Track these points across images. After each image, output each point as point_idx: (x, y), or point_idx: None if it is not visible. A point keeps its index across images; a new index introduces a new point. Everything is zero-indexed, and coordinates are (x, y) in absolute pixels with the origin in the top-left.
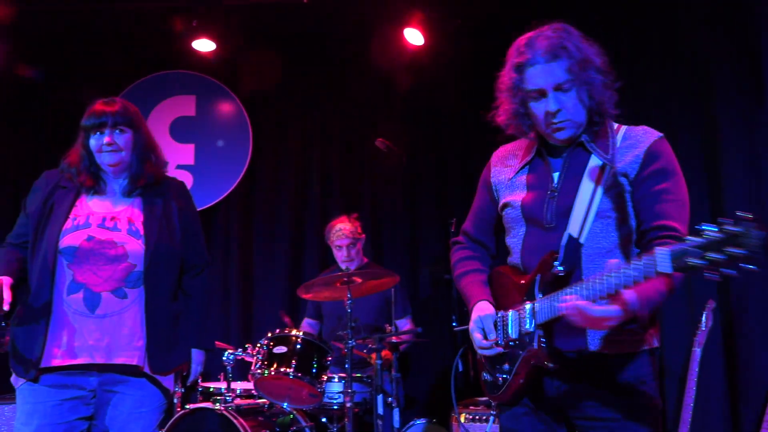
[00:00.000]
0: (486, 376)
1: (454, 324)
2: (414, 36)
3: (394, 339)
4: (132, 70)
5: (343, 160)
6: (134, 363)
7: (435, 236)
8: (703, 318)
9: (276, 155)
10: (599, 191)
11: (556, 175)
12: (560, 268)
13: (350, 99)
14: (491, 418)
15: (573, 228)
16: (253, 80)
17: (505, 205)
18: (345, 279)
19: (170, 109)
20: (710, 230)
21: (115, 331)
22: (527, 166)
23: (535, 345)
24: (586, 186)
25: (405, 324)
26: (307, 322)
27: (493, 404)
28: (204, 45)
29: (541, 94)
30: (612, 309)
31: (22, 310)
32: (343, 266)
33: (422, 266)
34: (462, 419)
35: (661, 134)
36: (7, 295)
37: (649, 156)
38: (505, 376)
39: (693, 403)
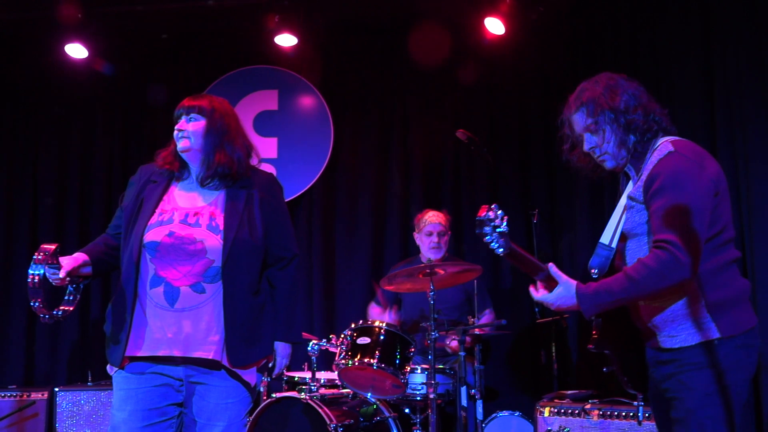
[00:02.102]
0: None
1: (537, 316)
2: (495, 25)
3: (477, 331)
4: (217, 66)
5: (424, 151)
6: (210, 357)
7: (517, 228)
8: None
9: (357, 148)
10: (624, 212)
11: None
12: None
13: (431, 90)
14: (641, 409)
15: (605, 239)
16: (334, 74)
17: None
18: (428, 270)
19: (254, 103)
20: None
21: (193, 325)
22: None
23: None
24: (619, 206)
25: (486, 316)
26: (370, 307)
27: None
28: (286, 40)
29: (582, 137)
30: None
31: (114, 300)
32: (429, 254)
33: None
34: (546, 413)
35: (669, 150)
36: (67, 263)
37: (650, 179)
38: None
39: None
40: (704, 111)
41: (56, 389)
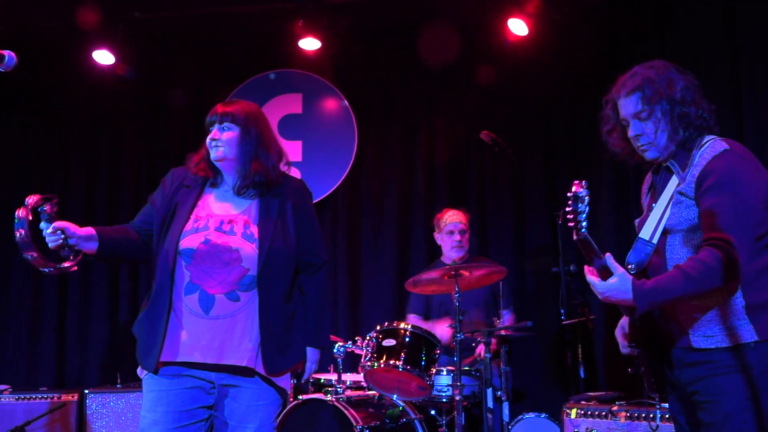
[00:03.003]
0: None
1: (562, 317)
2: (518, 26)
3: (502, 332)
4: (242, 70)
5: (449, 153)
6: (244, 364)
7: (542, 228)
8: None
9: (381, 151)
10: (669, 207)
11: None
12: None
13: (455, 92)
14: (657, 412)
15: (645, 234)
16: (358, 77)
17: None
18: (452, 273)
19: (278, 107)
20: None
21: (227, 333)
22: (651, 189)
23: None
24: (662, 202)
25: (507, 316)
26: (413, 318)
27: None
28: (310, 44)
29: (627, 122)
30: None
31: (148, 306)
32: (452, 253)
33: (528, 259)
34: (573, 414)
35: (725, 148)
36: (62, 223)
37: (704, 175)
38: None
39: None
40: (732, 116)
41: (86, 391)
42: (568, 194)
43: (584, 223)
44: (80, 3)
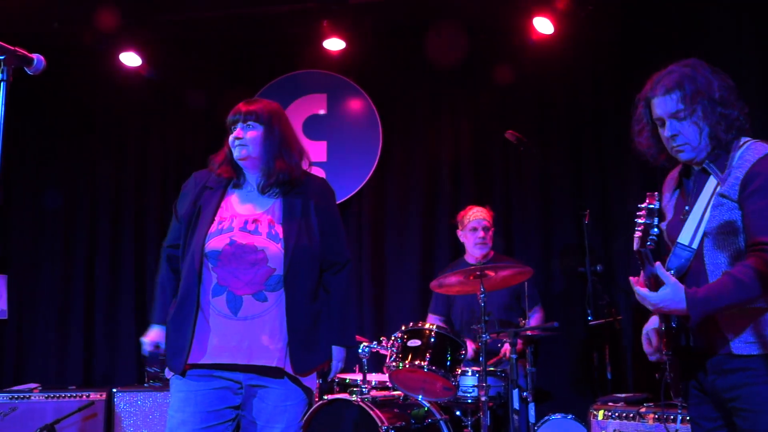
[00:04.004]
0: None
1: (589, 318)
2: (543, 25)
3: (528, 333)
4: (267, 71)
5: (473, 153)
6: (273, 365)
7: (568, 228)
8: None
9: (406, 150)
10: (708, 210)
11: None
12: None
13: (480, 91)
14: (678, 417)
15: (684, 239)
16: (382, 76)
17: (662, 231)
18: (478, 273)
19: (303, 107)
20: None
21: (256, 334)
22: (677, 190)
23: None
24: (700, 205)
25: (536, 315)
26: (432, 318)
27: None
28: (334, 44)
29: (662, 122)
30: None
31: (174, 308)
32: (475, 251)
33: (554, 259)
34: (600, 416)
35: None
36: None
37: (749, 177)
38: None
39: None
40: (763, 115)
41: (114, 390)
42: (641, 206)
43: (654, 238)
44: (106, 5)
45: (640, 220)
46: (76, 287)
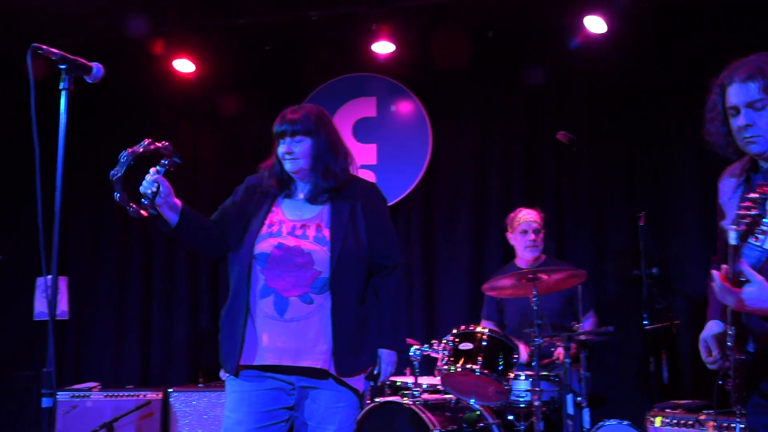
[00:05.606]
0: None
1: (645, 322)
2: (595, 24)
3: (582, 337)
4: (316, 75)
5: (524, 155)
6: (319, 366)
7: (622, 231)
8: None
9: (455, 152)
10: None
11: None
12: (742, 279)
13: (530, 93)
14: (737, 426)
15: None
16: (432, 79)
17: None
18: (530, 276)
19: (353, 111)
20: None
21: (302, 335)
22: (741, 187)
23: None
24: None
25: (590, 319)
26: (486, 324)
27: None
28: (383, 47)
29: (736, 110)
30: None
31: (226, 311)
32: (526, 254)
33: (608, 262)
34: (657, 423)
35: None
36: (167, 191)
37: None
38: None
39: None
40: None
41: (170, 390)
42: (750, 196)
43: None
44: (161, 13)
45: (753, 212)
46: (133, 289)
